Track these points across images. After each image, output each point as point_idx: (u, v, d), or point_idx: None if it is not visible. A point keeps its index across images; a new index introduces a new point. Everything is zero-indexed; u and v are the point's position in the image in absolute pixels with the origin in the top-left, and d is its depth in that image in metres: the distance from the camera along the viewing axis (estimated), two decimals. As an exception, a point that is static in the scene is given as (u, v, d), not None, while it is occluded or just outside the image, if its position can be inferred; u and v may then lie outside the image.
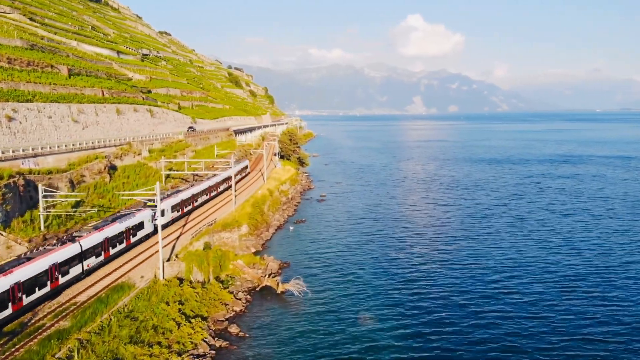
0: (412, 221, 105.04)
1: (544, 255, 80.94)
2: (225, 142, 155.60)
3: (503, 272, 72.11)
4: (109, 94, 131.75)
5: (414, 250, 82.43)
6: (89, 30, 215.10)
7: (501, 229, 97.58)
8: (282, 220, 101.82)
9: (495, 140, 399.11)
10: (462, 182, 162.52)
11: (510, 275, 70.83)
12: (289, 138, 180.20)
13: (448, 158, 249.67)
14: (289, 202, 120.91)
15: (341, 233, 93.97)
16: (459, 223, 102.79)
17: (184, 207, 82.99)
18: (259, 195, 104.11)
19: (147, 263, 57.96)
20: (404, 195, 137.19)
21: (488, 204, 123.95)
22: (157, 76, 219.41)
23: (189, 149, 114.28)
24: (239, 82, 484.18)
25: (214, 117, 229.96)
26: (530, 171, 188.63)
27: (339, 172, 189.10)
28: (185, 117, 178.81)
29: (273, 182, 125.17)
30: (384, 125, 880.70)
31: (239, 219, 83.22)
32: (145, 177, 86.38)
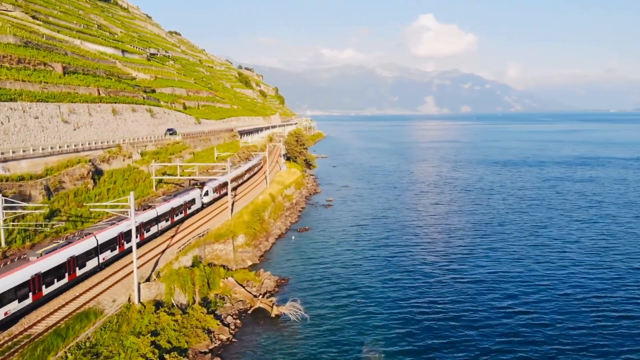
0: (424, 230, 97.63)
1: (568, 268, 73.41)
2: (228, 144, 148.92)
3: (524, 289, 64.73)
4: (106, 93, 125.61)
5: (426, 264, 75.06)
6: (95, 29, 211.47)
7: (520, 239, 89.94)
8: (284, 228, 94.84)
9: (509, 141, 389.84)
10: (476, 185, 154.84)
11: (533, 292, 63.52)
12: (296, 139, 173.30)
13: (461, 160, 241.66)
14: (293, 207, 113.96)
15: (347, 243, 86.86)
16: (474, 232, 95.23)
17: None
18: (259, 201, 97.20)
19: (123, 283, 50.95)
20: (414, 200, 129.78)
21: (505, 210, 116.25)
22: (163, 76, 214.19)
23: (186, 151, 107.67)
24: (249, 82, 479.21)
25: (220, 117, 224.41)
26: (548, 174, 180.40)
27: (348, 175, 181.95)
28: (188, 117, 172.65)
29: (276, 186, 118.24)
30: (395, 125, 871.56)
31: (235, 229, 76.41)
32: (135, 182, 79.83)
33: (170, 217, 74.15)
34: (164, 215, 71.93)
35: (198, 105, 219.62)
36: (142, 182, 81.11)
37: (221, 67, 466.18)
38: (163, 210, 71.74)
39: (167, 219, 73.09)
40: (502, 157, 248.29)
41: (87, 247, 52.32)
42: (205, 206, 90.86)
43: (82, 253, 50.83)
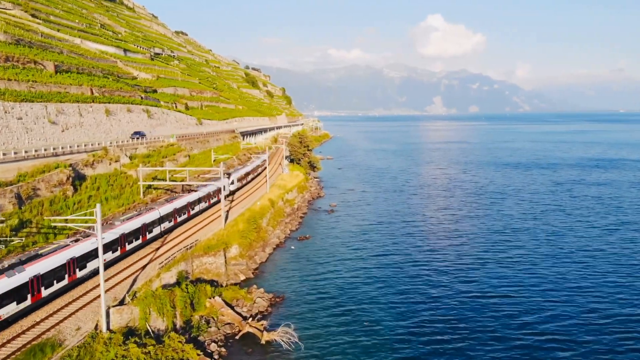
0: (432, 239, 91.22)
1: (589, 280, 67.12)
2: (228, 146, 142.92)
3: (543, 304, 58.80)
4: (100, 92, 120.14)
5: (436, 279, 68.73)
6: (98, 28, 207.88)
7: (536, 249, 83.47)
8: (283, 236, 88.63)
9: (519, 142, 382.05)
10: (486, 189, 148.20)
11: (551, 307, 57.50)
12: (299, 140, 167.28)
13: (470, 161, 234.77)
14: (294, 213, 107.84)
15: (349, 254, 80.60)
16: (487, 243, 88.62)
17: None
18: (257, 207, 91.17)
19: (93, 307, 44.75)
20: (422, 206, 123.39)
21: (518, 216, 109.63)
22: (166, 75, 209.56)
23: (181, 153, 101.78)
24: (255, 82, 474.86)
25: (224, 117, 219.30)
26: (561, 177, 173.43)
27: (353, 177, 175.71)
28: (189, 118, 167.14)
29: (277, 191, 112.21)
30: (402, 126, 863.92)
31: (229, 239, 70.47)
32: (121, 188, 74.04)
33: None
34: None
35: (201, 105, 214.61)
36: (129, 188, 75.32)
37: (228, 68, 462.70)
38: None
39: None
40: (512, 159, 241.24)
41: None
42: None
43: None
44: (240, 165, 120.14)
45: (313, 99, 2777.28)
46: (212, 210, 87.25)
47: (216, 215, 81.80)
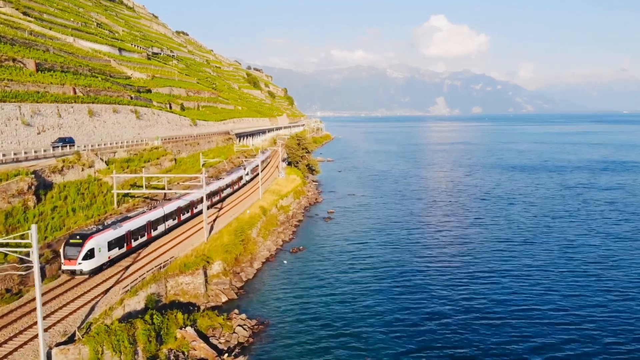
0: (436, 250, 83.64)
1: (608, 295, 59.98)
2: (220, 148, 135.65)
3: (558, 326, 51.57)
4: (84, 92, 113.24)
5: (441, 299, 61.43)
6: (94, 27, 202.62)
7: (547, 261, 76.13)
8: (274, 248, 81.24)
9: (524, 143, 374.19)
10: (492, 193, 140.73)
11: (566, 328, 50.23)
12: (297, 142, 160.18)
13: (474, 163, 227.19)
14: (288, 221, 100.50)
15: (346, 268, 73.19)
16: (494, 252, 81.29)
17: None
18: (246, 216, 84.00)
19: (33, 346, 37.44)
20: (425, 213, 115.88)
21: (527, 224, 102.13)
22: (162, 75, 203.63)
23: (165, 157, 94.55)
24: (257, 82, 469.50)
25: (221, 118, 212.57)
26: (570, 180, 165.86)
27: (353, 181, 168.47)
28: (182, 119, 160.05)
29: (270, 197, 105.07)
30: (405, 126, 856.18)
31: (211, 254, 63.37)
32: (93, 197, 66.93)
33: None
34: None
35: (198, 106, 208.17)
36: (102, 197, 68.29)
37: (229, 68, 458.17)
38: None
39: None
40: (518, 161, 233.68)
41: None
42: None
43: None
44: (226, 172, 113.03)
45: (316, 100, 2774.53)
46: (194, 222, 79.57)
47: (198, 227, 74.30)
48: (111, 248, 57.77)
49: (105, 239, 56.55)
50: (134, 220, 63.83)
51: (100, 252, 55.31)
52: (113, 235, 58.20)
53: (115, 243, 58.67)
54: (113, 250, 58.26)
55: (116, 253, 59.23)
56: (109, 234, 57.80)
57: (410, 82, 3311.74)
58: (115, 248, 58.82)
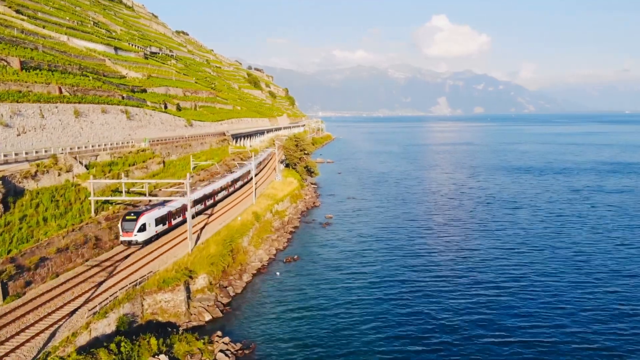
0: (439, 259, 78.27)
1: (623, 308, 54.76)
2: (214, 150, 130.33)
3: (564, 340, 46.43)
4: (70, 91, 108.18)
5: (445, 314, 56.30)
6: (90, 26, 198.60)
7: (558, 273, 70.81)
8: (266, 258, 75.84)
9: (527, 143, 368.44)
10: (497, 197, 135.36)
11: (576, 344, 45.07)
12: (295, 143, 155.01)
13: (477, 165, 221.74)
14: (283, 227, 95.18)
15: (343, 280, 67.79)
16: (500, 260, 76.00)
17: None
18: (237, 223, 78.80)
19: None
20: (427, 218, 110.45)
21: (534, 230, 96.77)
22: (159, 75, 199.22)
23: (153, 160, 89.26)
24: (258, 83, 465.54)
25: (219, 119, 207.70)
26: (577, 183, 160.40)
27: (353, 183, 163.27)
28: (177, 119, 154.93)
29: (265, 201, 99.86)
30: (407, 127, 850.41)
31: (194, 267, 58.26)
32: (68, 206, 61.68)
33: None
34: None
35: (195, 105, 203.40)
36: (79, 204, 63.11)
37: (229, 68, 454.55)
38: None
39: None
40: (522, 162, 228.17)
41: None
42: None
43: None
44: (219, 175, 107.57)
45: (317, 100, 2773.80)
46: (176, 233, 74.17)
47: (182, 238, 68.91)
48: (157, 224, 70.40)
49: (152, 216, 69.10)
50: (172, 203, 75.07)
51: (150, 227, 67.88)
52: (158, 214, 70.90)
53: (160, 220, 71.21)
54: (159, 226, 71.16)
55: (161, 229, 71.98)
56: (155, 212, 70.30)
57: (412, 82, 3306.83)
58: (160, 224, 71.50)
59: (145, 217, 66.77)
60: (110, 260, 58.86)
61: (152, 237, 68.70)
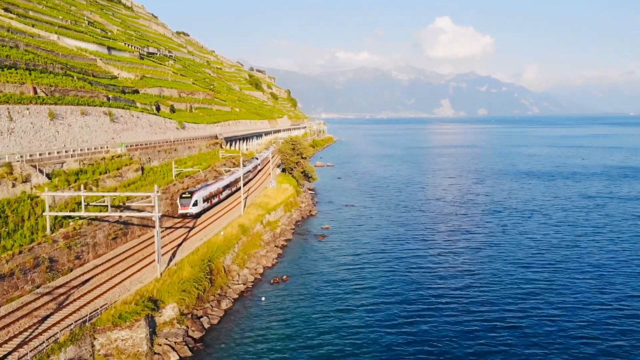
0: (446, 275, 69.76)
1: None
2: (204, 155, 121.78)
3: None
4: (48, 92, 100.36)
5: (450, 343, 48.17)
6: (84, 25, 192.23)
7: (574, 289, 62.54)
8: (251, 279, 67.25)
9: (534, 146, 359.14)
10: (505, 204, 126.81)
11: None
12: (292, 147, 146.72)
13: (483, 169, 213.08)
14: (274, 240, 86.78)
15: (337, 306, 59.25)
16: (513, 278, 67.61)
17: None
18: (220, 238, 70.52)
19: None
20: (431, 228, 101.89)
21: (547, 243, 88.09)
22: (153, 75, 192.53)
23: (129, 167, 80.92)
24: (259, 84, 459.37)
25: (214, 120, 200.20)
26: (589, 189, 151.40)
27: (353, 189, 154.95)
28: (168, 122, 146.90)
29: (255, 211, 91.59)
30: (410, 129, 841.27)
31: (163, 295, 50.12)
32: (18, 223, 53.52)
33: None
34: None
35: (191, 107, 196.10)
36: (33, 221, 54.84)
37: (231, 69, 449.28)
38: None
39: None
40: (530, 167, 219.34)
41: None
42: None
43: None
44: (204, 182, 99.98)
45: (321, 102, 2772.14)
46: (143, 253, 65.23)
47: (150, 260, 60.39)
48: (204, 201, 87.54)
49: (202, 194, 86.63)
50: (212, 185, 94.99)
51: (200, 203, 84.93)
52: (205, 193, 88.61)
53: (206, 198, 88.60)
54: (205, 203, 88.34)
55: (207, 205, 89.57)
56: (203, 191, 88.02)
57: (415, 83, 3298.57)
58: (207, 202, 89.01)
59: (197, 195, 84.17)
60: (65, 287, 50.57)
61: (201, 211, 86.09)
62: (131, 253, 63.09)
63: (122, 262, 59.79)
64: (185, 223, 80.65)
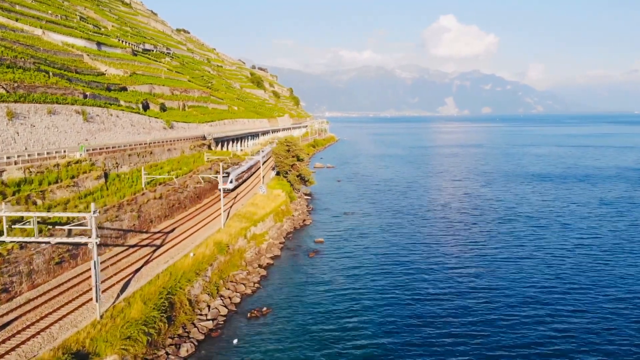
0: (459, 317, 58.82)
1: None
2: (186, 158, 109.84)
3: None
4: (9, 88, 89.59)
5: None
6: (76, 21, 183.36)
7: (605, 315, 51.44)
8: (224, 312, 55.31)
9: (542, 146, 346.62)
10: (517, 211, 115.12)
11: None
12: (287, 148, 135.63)
13: (490, 171, 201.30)
14: (259, 258, 75.25)
15: (329, 351, 48.57)
16: (528, 300, 56.47)
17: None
18: (187, 262, 59.18)
19: None
20: (437, 240, 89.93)
21: (567, 258, 76.73)
22: (144, 72, 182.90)
23: (89, 175, 69.57)
24: (261, 82, 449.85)
25: (209, 119, 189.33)
26: (607, 193, 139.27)
27: (352, 194, 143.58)
28: (154, 121, 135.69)
29: (238, 224, 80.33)
30: (414, 127, 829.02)
31: (99, 344, 39.12)
32: None
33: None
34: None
35: (184, 105, 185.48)
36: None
37: (232, 67, 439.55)
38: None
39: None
40: (540, 168, 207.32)
41: None
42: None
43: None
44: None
45: (324, 101, 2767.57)
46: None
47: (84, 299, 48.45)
48: (237, 179, 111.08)
49: (236, 173, 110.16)
50: (239, 168, 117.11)
51: (234, 181, 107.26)
52: (237, 173, 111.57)
53: (238, 178, 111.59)
54: (238, 180, 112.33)
55: (237, 183, 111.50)
56: (237, 171, 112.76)
57: (419, 82, 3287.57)
58: (239, 179, 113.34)
59: (232, 174, 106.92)
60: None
61: (234, 187, 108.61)
62: (78, 281, 51.81)
63: (63, 294, 48.50)
64: (153, 240, 69.15)
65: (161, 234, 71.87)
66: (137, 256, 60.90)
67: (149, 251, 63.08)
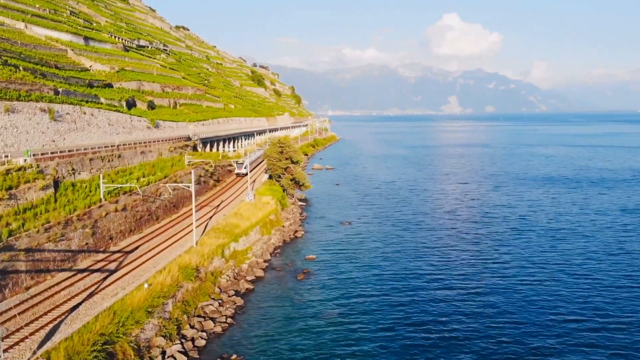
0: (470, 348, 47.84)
1: None
2: (162, 161, 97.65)
3: None
4: (-39, 84, 79.15)
5: None
6: (66, 15, 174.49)
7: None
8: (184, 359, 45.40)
9: (549, 146, 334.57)
10: (530, 220, 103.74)
11: None
12: (280, 150, 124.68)
13: (498, 173, 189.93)
14: (238, 283, 63.94)
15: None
16: (544, 324, 45.64)
17: None
18: (142, 293, 48.40)
19: None
20: (446, 259, 78.11)
21: (600, 281, 65.81)
22: (135, 68, 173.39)
23: (32, 185, 58.04)
24: (262, 80, 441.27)
25: (201, 118, 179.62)
26: (626, 199, 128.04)
27: (351, 199, 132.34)
28: (136, 120, 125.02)
29: (215, 240, 69.25)
30: (417, 126, 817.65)
31: None
32: None
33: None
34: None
35: (175, 103, 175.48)
36: None
37: (232, 65, 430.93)
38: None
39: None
40: (550, 170, 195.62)
41: None
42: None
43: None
44: None
45: (328, 99, 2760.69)
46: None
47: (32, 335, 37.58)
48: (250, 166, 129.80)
49: (249, 161, 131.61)
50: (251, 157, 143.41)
51: (248, 167, 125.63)
52: (250, 160, 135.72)
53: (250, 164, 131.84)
54: (250, 167, 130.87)
55: (250, 169, 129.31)
56: (249, 159, 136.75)
57: (423, 81, 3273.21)
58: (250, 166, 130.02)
59: (246, 162, 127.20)
60: None
61: (249, 171, 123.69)
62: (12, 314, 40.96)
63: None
64: (108, 263, 58.01)
65: (120, 254, 60.70)
66: (82, 286, 49.83)
67: (99, 279, 51.98)
